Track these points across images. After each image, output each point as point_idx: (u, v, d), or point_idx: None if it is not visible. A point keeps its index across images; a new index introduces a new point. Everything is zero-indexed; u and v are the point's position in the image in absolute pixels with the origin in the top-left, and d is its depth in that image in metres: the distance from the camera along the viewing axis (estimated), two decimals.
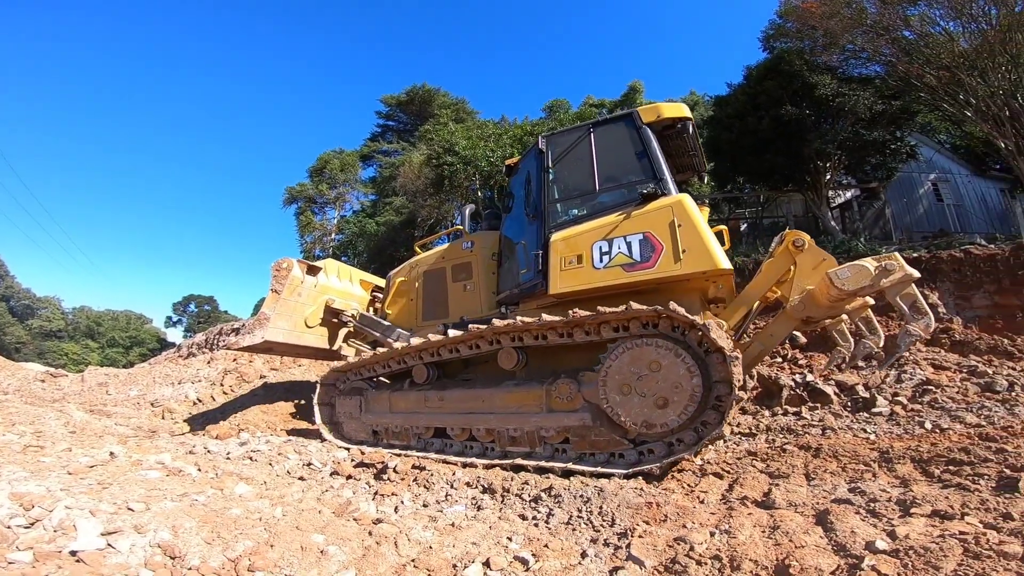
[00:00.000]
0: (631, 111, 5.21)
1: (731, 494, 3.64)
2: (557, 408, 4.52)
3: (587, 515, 3.29)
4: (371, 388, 5.73)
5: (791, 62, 14.21)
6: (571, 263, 4.66)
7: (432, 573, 2.49)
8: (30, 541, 2.37)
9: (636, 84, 30.04)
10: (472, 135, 18.03)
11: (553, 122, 17.91)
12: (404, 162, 27.45)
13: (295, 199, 34.26)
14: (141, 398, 10.19)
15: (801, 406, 6.14)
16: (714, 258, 4.15)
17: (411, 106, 36.42)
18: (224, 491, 3.43)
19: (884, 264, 3.96)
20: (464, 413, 4.96)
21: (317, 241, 33.19)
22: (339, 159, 34.44)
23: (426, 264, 6.33)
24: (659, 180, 4.67)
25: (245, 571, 2.29)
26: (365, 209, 33.23)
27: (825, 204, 15.84)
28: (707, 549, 2.60)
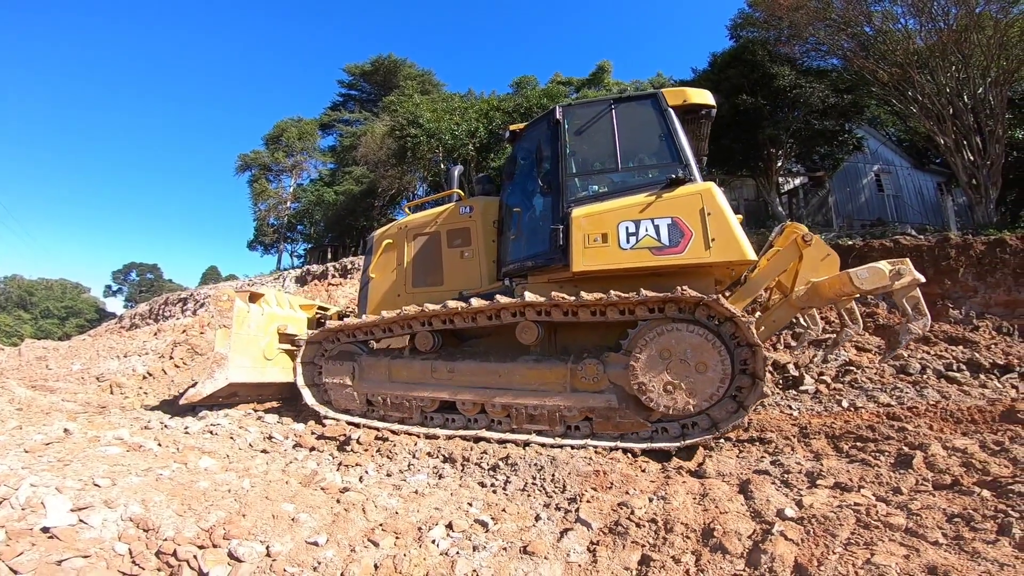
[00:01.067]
0: (656, 91, 5.13)
1: (669, 464, 3.99)
2: (581, 388, 4.46)
3: (541, 482, 3.55)
4: (365, 353, 5.40)
5: (754, 52, 14.70)
6: (595, 241, 4.58)
7: (400, 535, 2.68)
8: (0, 520, 2.40)
9: (604, 64, 30.21)
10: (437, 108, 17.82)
11: (520, 98, 17.85)
12: (366, 132, 26.81)
13: (248, 166, 33.05)
14: (85, 372, 9.85)
15: None
16: (743, 249, 4.24)
17: (376, 76, 35.49)
18: (188, 465, 3.49)
19: (898, 268, 4.26)
20: (478, 388, 4.78)
21: (272, 209, 32.23)
22: (297, 127, 33.35)
23: (418, 227, 5.97)
24: (685, 165, 4.67)
25: (221, 539, 2.41)
26: (323, 178, 32.40)
27: (775, 190, 16.59)
28: (645, 513, 2.90)
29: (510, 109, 17.12)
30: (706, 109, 5.08)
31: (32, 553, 2.19)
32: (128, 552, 2.33)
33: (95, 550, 2.30)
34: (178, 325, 13.87)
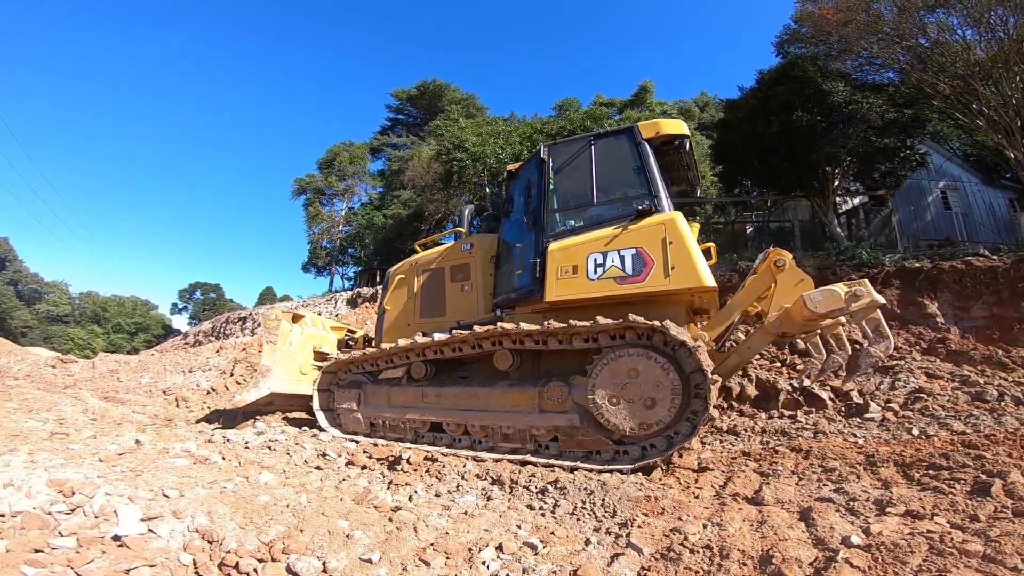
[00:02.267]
0: (632, 125, 5.42)
1: (724, 491, 3.86)
2: (548, 409, 4.76)
3: (591, 507, 3.49)
4: (370, 382, 5.90)
5: (804, 68, 14.22)
6: (567, 273, 4.90)
7: (450, 556, 2.69)
8: (73, 527, 2.50)
9: (647, 84, 30.20)
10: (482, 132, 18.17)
11: (563, 121, 18.00)
12: (413, 156, 27.57)
13: (304, 190, 34.50)
14: (153, 386, 10.43)
15: (797, 410, 6.34)
16: (700, 276, 4.41)
17: (421, 100, 36.46)
18: (250, 479, 3.63)
19: (854, 290, 4.24)
20: (460, 410, 5.21)
21: (325, 232, 33.37)
22: (348, 151, 34.60)
23: (426, 263, 6.48)
24: (654, 197, 4.92)
25: (280, 553, 2.48)
26: (373, 201, 33.41)
27: (832, 210, 15.90)
28: (699, 539, 2.81)
29: (553, 132, 17.29)
30: (679, 139, 5.29)
31: (102, 561, 2.26)
32: (192, 563, 2.40)
33: (161, 560, 2.37)
34: (238, 343, 14.54)
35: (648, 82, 30.34)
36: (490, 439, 5.00)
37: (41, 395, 8.24)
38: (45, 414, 5.95)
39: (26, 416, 5.62)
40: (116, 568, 2.20)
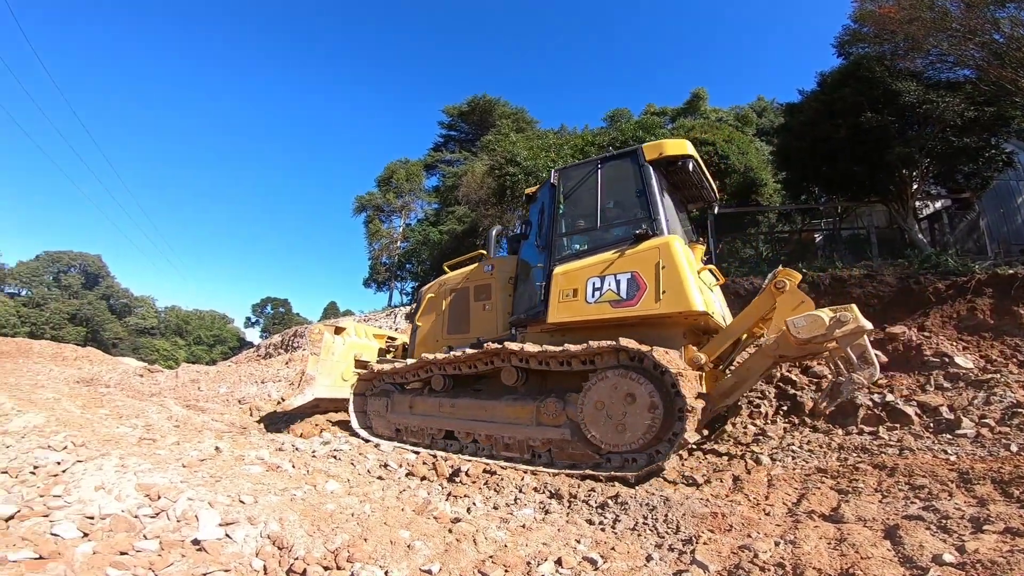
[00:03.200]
0: (636, 147, 5.54)
1: (798, 508, 3.68)
2: (544, 422, 5.03)
3: (652, 522, 3.40)
4: (396, 391, 6.40)
5: (870, 68, 13.39)
6: (567, 296, 5.17)
7: (509, 569, 2.68)
8: (157, 530, 2.66)
9: (699, 91, 29.44)
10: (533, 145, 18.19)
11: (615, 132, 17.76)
12: (466, 172, 27.97)
13: (364, 208, 35.71)
14: (230, 395, 11.08)
15: (879, 426, 5.92)
16: (689, 300, 4.53)
17: (472, 116, 37.06)
18: (317, 487, 3.77)
19: (839, 316, 4.21)
20: (470, 420, 5.56)
21: (384, 248, 34.36)
22: (404, 168, 35.59)
23: (453, 283, 6.94)
24: (652, 220, 5.06)
25: (345, 561, 2.56)
26: (429, 217, 34.16)
27: (912, 215, 14.77)
28: (771, 557, 2.69)
29: (605, 143, 17.10)
30: (682, 159, 5.39)
31: (181, 564, 2.36)
32: (263, 568, 2.50)
33: (235, 564, 2.47)
34: (305, 356, 15.23)
35: (701, 89, 29.52)
36: (493, 448, 5.34)
37: (130, 402, 8.94)
38: (134, 420, 6.43)
39: (117, 422, 6.10)
40: (194, 572, 2.31)
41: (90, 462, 3.56)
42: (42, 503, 2.81)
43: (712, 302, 5.22)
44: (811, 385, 6.98)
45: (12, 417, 4.83)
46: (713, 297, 5.50)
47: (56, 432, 4.27)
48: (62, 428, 4.53)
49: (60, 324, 51.80)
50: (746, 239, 15.67)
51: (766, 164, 18.20)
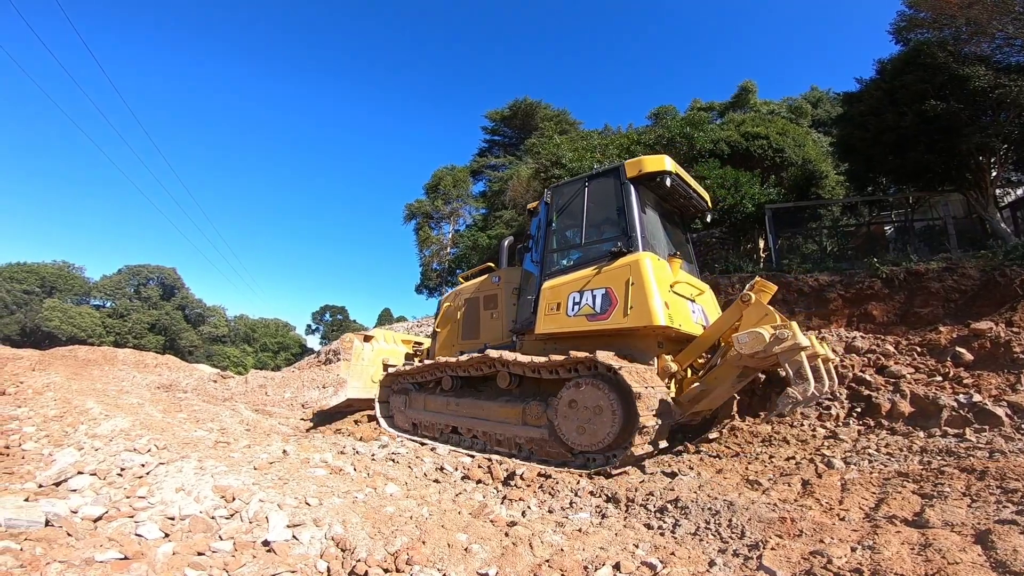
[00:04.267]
0: (618, 165, 5.87)
1: (876, 513, 3.46)
2: (528, 423, 5.52)
3: (715, 527, 3.29)
4: (414, 390, 7.17)
5: (933, 54, 12.56)
6: (552, 309, 5.64)
7: (566, 573, 2.66)
8: (231, 532, 2.81)
9: (748, 84, 28.29)
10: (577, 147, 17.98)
11: (661, 129, 17.29)
12: (512, 176, 28.00)
13: (414, 215, 36.32)
14: (294, 400, 11.58)
15: (965, 428, 5.49)
16: (652, 315, 4.88)
17: (514, 120, 37.00)
18: (377, 490, 3.88)
19: (778, 333, 4.44)
20: (470, 417, 6.16)
21: (435, 255, 34.88)
22: (451, 175, 35.97)
23: (467, 293, 7.59)
24: (629, 237, 5.40)
25: (404, 564, 2.61)
26: (477, 223, 34.35)
27: (992, 204, 13.62)
28: (847, 563, 2.55)
29: (651, 142, 16.67)
30: (660, 175, 5.65)
31: (252, 565, 2.48)
32: (327, 570, 2.59)
33: (301, 566, 2.56)
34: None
35: (749, 82, 28.27)
36: (488, 443, 5.87)
37: (205, 407, 9.51)
38: (210, 424, 6.84)
39: (195, 426, 6.50)
40: (264, 573, 2.43)
41: (171, 464, 3.81)
42: (128, 504, 3.03)
43: (685, 314, 5.52)
44: (888, 385, 6.56)
45: (100, 421, 5.24)
46: (693, 307, 5.82)
47: (140, 436, 4.59)
48: (145, 432, 4.87)
49: (141, 333, 55.66)
50: (808, 234, 14.92)
51: (825, 156, 17.28)
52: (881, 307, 8.81)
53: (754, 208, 13.05)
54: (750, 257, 13.38)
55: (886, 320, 8.54)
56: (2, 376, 11.84)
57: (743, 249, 14.10)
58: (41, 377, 10.84)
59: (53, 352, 22.98)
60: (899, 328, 8.32)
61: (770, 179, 15.03)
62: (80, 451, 4.04)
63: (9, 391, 8.67)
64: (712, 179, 13.20)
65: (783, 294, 9.44)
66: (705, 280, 7.09)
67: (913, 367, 6.91)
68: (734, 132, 15.41)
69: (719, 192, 12.98)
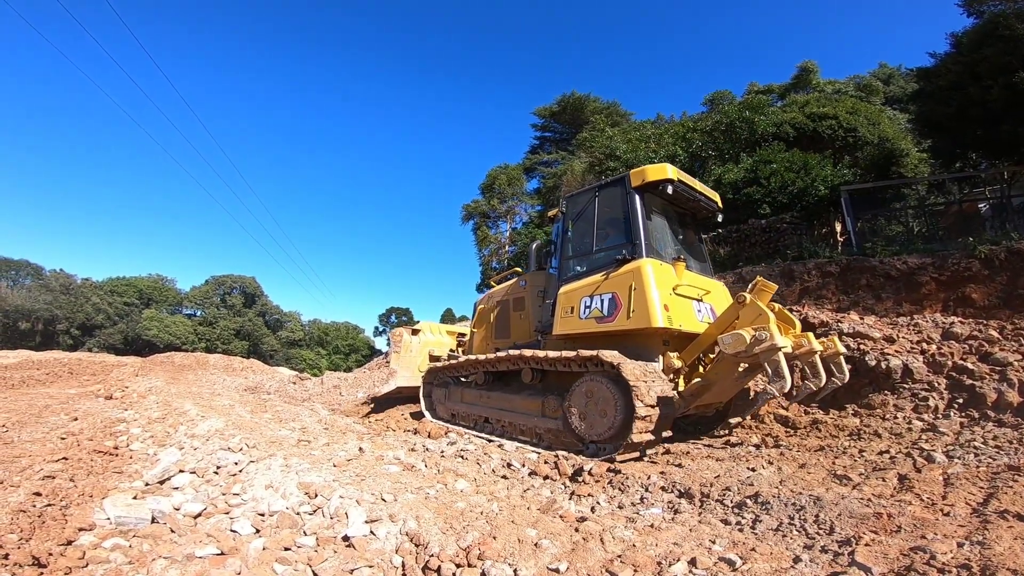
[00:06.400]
0: (625, 175, 6.19)
1: (985, 508, 3.19)
2: (547, 415, 6.00)
3: (800, 522, 3.13)
4: (453, 384, 7.79)
5: (1011, 25, 11.53)
6: (567, 312, 6.11)
7: (638, 569, 2.61)
8: (314, 527, 2.93)
9: (808, 64, 26.85)
10: (631, 138, 17.54)
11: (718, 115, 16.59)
12: (565, 171, 27.78)
13: (471, 216, 36.84)
14: (366, 399, 12.06)
15: None
16: (651, 318, 5.24)
17: (564, 115, 36.76)
18: (448, 486, 3.97)
19: (757, 334, 4.70)
20: (499, 409, 6.73)
21: (493, 254, 35.16)
22: (505, 174, 36.14)
23: (498, 296, 8.28)
24: (633, 244, 5.77)
25: (476, 559, 2.66)
26: (533, 220, 34.39)
27: None
28: (952, 559, 2.37)
29: (708, 128, 15.99)
30: (662, 184, 5.87)
31: (333, 560, 2.57)
32: (401, 565, 2.65)
33: (378, 561, 2.64)
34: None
35: (809, 62, 26.81)
36: (513, 432, 6.41)
37: (287, 407, 10.09)
38: (292, 423, 7.24)
39: (279, 425, 6.91)
40: (344, 568, 2.52)
41: (260, 462, 4.06)
42: (224, 501, 3.26)
43: (688, 314, 5.80)
44: (993, 374, 6.00)
45: (198, 422, 5.68)
46: (698, 307, 6.09)
47: (233, 435, 4.93)
48: (237, 431, 5.23)
49: (228, 339, 59.91)
50: (891, 215, 13.90)
51: (904, 133, 16.05)
52: (981, 290, 8.05)
53: (827, 191, 12.32)
54: (826, 242, 12.61)
55: (987, 304, 7.82)
56: (109, 382, 13.11)
57: (817, 234, 13.31)
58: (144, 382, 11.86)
59: (153, 359, 25.17)
60: (1003, 312, 7.60)
61: (843, 160, 14.13)
62: (181, 450, 4.38)
63: (116, 395, 9.58)
64: (778, 163, 12.57)
65: (867, 279, 8.84)
66: (776, 267, 7.13)
67: (1021, 354, 6.28)
68: (798, 114, 14.61)
69: (787, 176, 12.36)
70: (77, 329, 55.02)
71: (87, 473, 3.82)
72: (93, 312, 55.46)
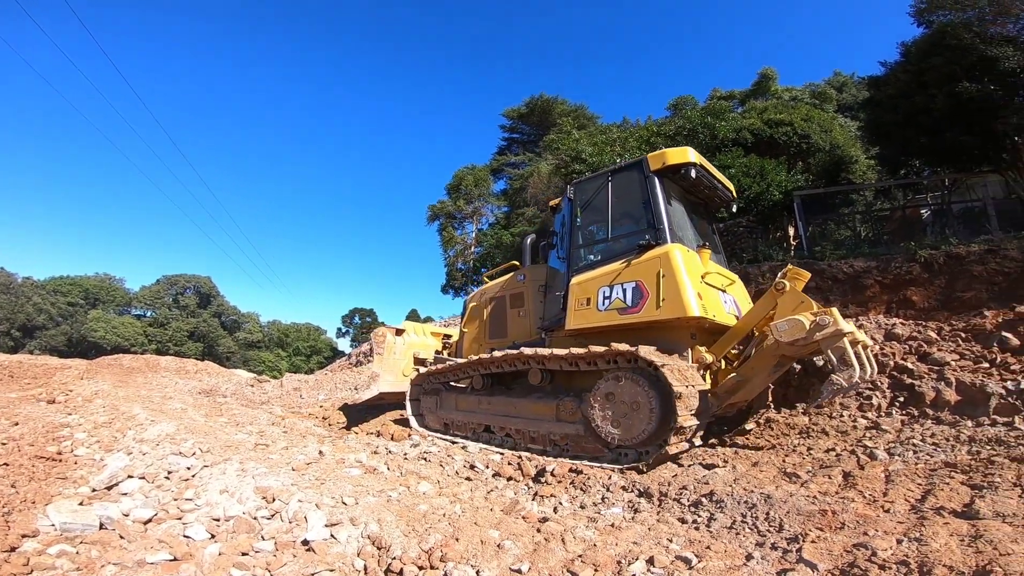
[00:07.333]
0: (642, 158, 5.80)
1: (923, 504, 3.37)
2: (562, 419, 5.47)
3: (752, 520, 3.25)
4: (444, 390, 7.06)
5: (957, 35, 12.25)
6: (582, 304, 5.59)
7: (599, 568, 2.66)
8: (272, 531, 2.89)
9: (768, 71, 27.70)
10: (597, 141, 17.80)
11: (681, 120, 17.04)
12: (532, 173, 27.91)
13: (437, 216, 36.47)
14: (327, 402, 11.82)
15: (1015, 416, 5.29)
16: (685, 306, 4.82)
17: (532, 117, 36.81)
18: (410, 488, 3.95)
19: (818, 320, 4.39)
20: (503, 415, 6.09)
21: (459, 255, 34.99)
22: (472, 175, 35.96)
23: (492, 292, 7.61)
24: (656, 230, 5.35)
25: (438, 561, 2.66)
26: (500, 221, 34.36)
27: None
28: (892, 555, 2.50)
29: (671, 133, 16.41)
30: (684, 167, 5.57)
31: (293, 564, 2.53)
32: (363, 568, 2.64)
33: (339, 564, 2.62)
34: None
35: (769, 69, 27.64)
36: (522, 440, 5.81)
37: (244, 410, 9.79)
38: (249, 427, 7.03)
39: (235, 429, 6.70)
40: (303, 572, 2.49)
41: (215, 467, 3.94)
42: (176, 506, 3.15)
43: (718, 304, 5.41)
44: (931, 373, 6.35)
45: (147, 426, 5.45)
46: (724, 297, 5.71)
47: (185, 439, 4.76)
48: (190, 435, 5.04)
49: (181, 341, 57.60)
50: (840, 220, 14.54)
51: (854, 140, 16.80)
52: (921, 292, 8.51)
53: (781, 196, 12.78)
54: (780, 245, 13.11)
55: (927, 306, 8.26)
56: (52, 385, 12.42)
57: (772, 238, 13.81)
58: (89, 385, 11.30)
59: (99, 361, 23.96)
60: (941, 314, 8.03)
61: (797, 166, 14.72)
62: (129, 455, 4.20)
63: (59, 399, 9.08)
64: (736, 168, 12.98)
65: (816, 282, 9.22)
66: (733, 270, 6.95)
67: (958, 353, 6.68)
68: (757, 120, 15.11)
69: (744, 181, 12.77)
70: (17, 330, 51.95)
71: (29, 479, 3.62)
72: (34, 312, 52.53)
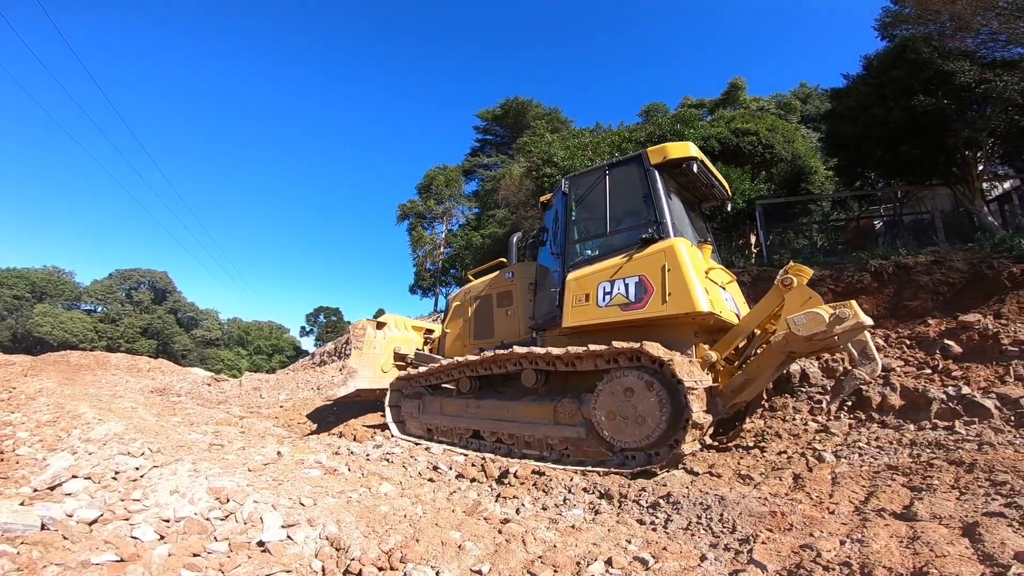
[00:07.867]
0: (641, 152, 5.69)
1: (866, 506, 3.51)
2: (561, 422, 5.22)
3: (707, 521, 3.33)
4: (428, 393, 6.73)
5: (918, 49, 12.78)
6: (580, 301, 5.38)
7: (558, 570, 2.69)
8: (226, 532, 2.82)
9: (737, 81, 28.64)
10: (569, 145, 18.01)
11: (652, 127, 17.39)
12: (504, 175, 27.98)
13: (407, 215, 36.18)
14: (287, 402, 11.55)
15: (955, 420, 5.57)
16: (694, 302, 4.66)
17: (506, 119, 37.00)
18: (372, 490, 3.90)
19: (838, 312, 4.26)
20: (494, 419, 5.80)
21: (428, 255, 34.77)
22: (443, 175, 35.87)
23: (477, 291, 7.34)
24: (659, 223, 5.20)
25: (398, 562, 2.64)
26: (470, 222, 34.28)
27: (979, 197, 13.84)
28: (835, 556, 2.59)
29: (642, 139, 16.74)
30: (686, 161, 5.51)
31: (248, 565, 2.49)
32: (321, 569, 2.60)
33: (296, 565, 2.58)
34: None
35: (739, 79, 28.67)
36: (516, 446, 5.55)
37: (200, 410, 9.48)
38: (204, 427, 6.82)
39: (189, 429, 6.49)
40: (259, 573, 2.44)
41: (165, 467, 3.82)
42: (123, 507, 3.03)
43: (722, 301, 5.27)
44: (878, 379, 6.64)
45: (94, 426, 5.22)
46: (724, 295, 5.56)
47: (134, 439, 4.58)
48: (140, 435, 4.86)
49: (134, 338, 55.29)
50: (799, 229, 15.05)
51: (815, 151, 17.45)
52: (871, 300, 8.90)
53: (745, 204, 13.16)
54: (741, 252, 13.50)
55: (876, 313, 8.63)
56: None
57: (735, 245, 14.21)
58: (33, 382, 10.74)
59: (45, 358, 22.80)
60: (889, 321, 8.42)
61: (760, 175, 15.17)
62: (74, 455, 4.03)
63: (1, 397, 8.62)
64: None
65: None
66: None
67: (903, 360, 7.00)
68: (724, 129, 15.52)
69: None
70: None
71: None
72: None
